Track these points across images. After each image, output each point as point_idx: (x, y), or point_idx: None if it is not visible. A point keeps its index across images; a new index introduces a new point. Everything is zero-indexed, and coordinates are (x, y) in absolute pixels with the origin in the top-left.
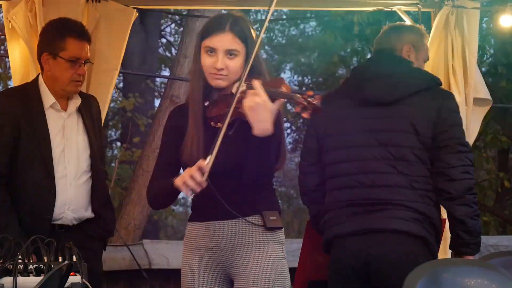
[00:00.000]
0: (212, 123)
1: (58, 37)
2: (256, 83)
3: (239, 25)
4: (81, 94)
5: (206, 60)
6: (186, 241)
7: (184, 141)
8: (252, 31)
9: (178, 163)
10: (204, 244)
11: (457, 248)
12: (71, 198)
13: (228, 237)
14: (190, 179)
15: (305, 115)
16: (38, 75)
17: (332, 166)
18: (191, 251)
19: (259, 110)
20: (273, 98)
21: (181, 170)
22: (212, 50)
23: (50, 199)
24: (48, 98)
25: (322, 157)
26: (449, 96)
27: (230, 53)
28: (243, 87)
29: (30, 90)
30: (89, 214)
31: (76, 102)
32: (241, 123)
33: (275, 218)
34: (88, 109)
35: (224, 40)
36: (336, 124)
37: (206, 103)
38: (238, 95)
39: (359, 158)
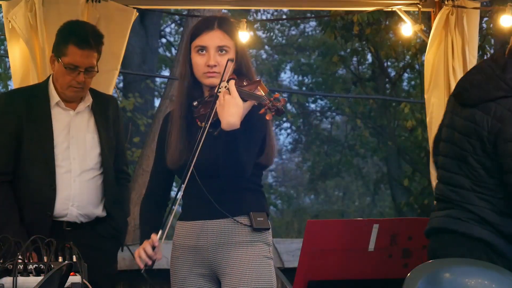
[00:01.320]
0: (198, 122)
1: (62, 41)
2: (231, 83)
3: (226, 23)
4: (99, 95)
5: (198, 60)
6: (174, 240)
7: (167, 142)
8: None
9: (170, 172)
10: (191, 243)
11: None
12: (75, 194)
13: (215, 236)
14: (143, 252)
15: (267, 117)
16: (50, 75)
17: None
18: (179, 250)
19: (227, 105)
20: (244, 99)
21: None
22: (203, 49)
23: (50, 195)
24: (54, 96)
25: None
26: None
27: (221, 49)
28: (225, 88)
29: (37, 89)
30: (99, 212)
31: (86, 101)
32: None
33: (262, 219)
34: (104, 109)
35: (214, 38)
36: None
37: (195, 103)
38: (218, 93)
39: None
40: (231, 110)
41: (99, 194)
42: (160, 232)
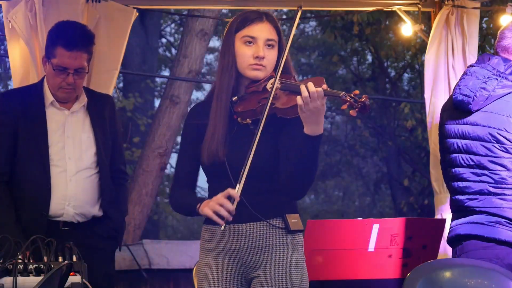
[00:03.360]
0: (239, 119)
1: (51, 43)
2: (324, 86)
3: (273, 18)
4: (95, 94)
5: (246, 50)
6: (203, 244)
7: (204, 138)
8: None
9: (197, 161)
10: (223, 247)
11: None
12: (71, 194)
13: (249, 239)
14: (222, 208)
15: (352, 113)
16: (45, 76)
17: None
18: (208, 255)
19: (318, 113)
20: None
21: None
22: (251, 40)
23: (45, 195)
24: (49, 97)
25: None
26: None
27: (269, 43)
28: (277, 84)
29: (33, 88)
30: (96, 211)
31: (81, 101)
32: (270, 122)
33: (296, 221)
34: (100, 109)
35: (264, 30)
36: None
37: (234, 98)
38: (273, 92)
39: None
40: (320, 119)
41: (96, 193)
42: (237, 186)
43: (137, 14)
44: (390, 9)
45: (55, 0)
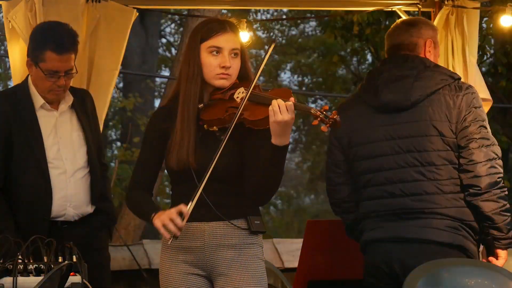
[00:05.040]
0: (205, 125)
1: (39, 47)
2: (292, 99)
3: (235, 27)
4: (74, 90)
5: (211, 60)
6: (165, 241)
7: (170, 143)
8: None
9: (158, 166)
10: (186, 244)
11: (487, 243)
12: (72, 195)
13: (212, 238)
14: (171, 223)
15: (323, 129)
16: (27, 76)
17: (361, 177)
18: (171, 252)
19: (287, 126)
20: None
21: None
22: (217, 50)
23: (46, 199)
24: (38, 99)
25: (350, 167)
26: (469, 89)
27: (234, 52)
28: (244, 93)
29: (19, 92)
30: (89, 209)
31: (67, 101)
32: (235, 128)
33: (259, 222)
34: (82, 105)
35: (229, 40)
36: (359, 134)
37: (200, 106)
38: (244, 102)
39: (386, 167)
40: (288, 130)
41: (89, 191)
42: (190, 203)
43: (137, 14)
44: (390, 9)
45: (55, 0)
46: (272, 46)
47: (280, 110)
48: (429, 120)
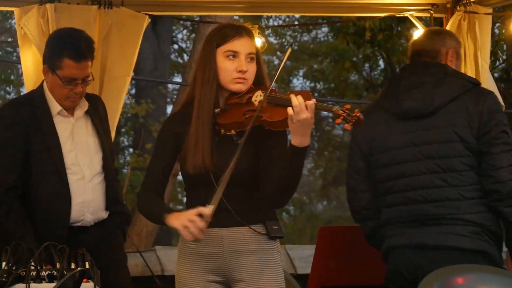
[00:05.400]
0: (222, 130)
1: (56, 55)
2: (313, 100)
3: (251, 32)
4: (86, 95)
5: (228, 65)
6: (182, 247)
7: (185, 148)
8: None
9: (169, 171)
10: (204, 251)
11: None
12: (90, 200)
13: (231, 243)
14: (192, 224)
15: (346, 127)
16: (42, 82)
17: (382, 184)
18: (189, 258)
19: (307, 125)
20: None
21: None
22: (234, 54)
23: (65, 206)
24: (54, 105)
25: (371, 174)
26: (490, 95)
27: (250, 57)
28: (261, 96)
29: (36, 98)
30: (104, 214)
31: (83, 106)
32: (253, 131)
33: (277, 227)
34: (96, 110)
35: (246, 44)
36: (379, 141)
37: (217, 110)
38: (263, 105)
39: (407, 174)
40: (308, 131)
41: (104, 196)
42: (212, 207)
43: (149, 20)
44: (402, 15)
45: (68, 6)
46: (289, 50)
47: (300, 109)
48: (450, 126)
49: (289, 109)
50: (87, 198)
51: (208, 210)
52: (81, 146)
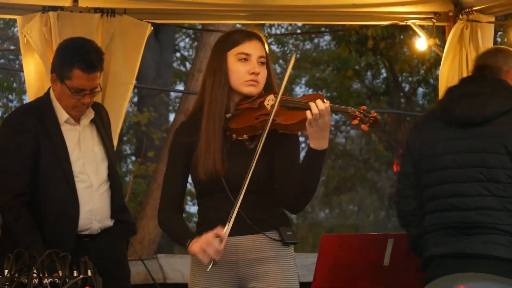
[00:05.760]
0: (234, 135)
1: (67, 65)
2: (327, 102)
3: (261, 37)
4: (93, 105)
5: (240, 67)
6: (196, 259)
7: (197, 154)
8: None
9: (185, 181)
10: (219, 260)
11: None
12: (97, 208)
13: (247, 252)
14: (210, 247)
15: (363, 127)
16: (49, 89)
17: (427, 189)
18: (203, 267)
19: (325, 128)
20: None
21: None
22: (246, 57)
23: (74, 213)
24: (62, 113)
25: (419, 180)
26: None
27: (261, 61)
28: (273, 100)
29: (43, 106)
30: (110, 222)
31: (89, 115)
32: (267, 136)
33: (291, 233)
34: (100, 119)
35: (257, 47)
36: (428, 147)
37: (228, 115)
38: (275, 109)
39: (451, 180)
40: (327, 134)
41: (110, 204)
42: (226, 226)
43: (152, 28)
44: (405, 24)
45: (70, 14)
46: (293, 58)
47: (321, 113)
48: (499, 137)
49: (308, 113)
50: (94, 206)
51: (223, 231)
52: (88, 155)
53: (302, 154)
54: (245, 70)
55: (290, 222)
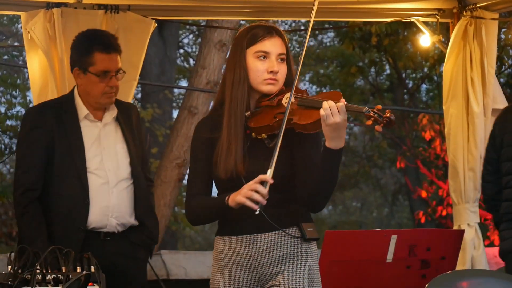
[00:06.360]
0: (253, 133)
1: (86, 52)
2: (343, 101)
3: (281, 32)
4: (120, 103)
5: (258, 65)
6: (217, 256)
7: (217, 152)
8: None
9: (211, 176)
10: (239, 258)
11: None
12: (114, 205)
13: (267, 249)
14: (255, 193)
15: (377, 128)
16: (74, 88)
17: (504, 178)
18: (223, 267)
19: (340, 128)
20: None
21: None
22: (264, 55)
23: (83, 209)
24: (82, 110)
25: (500, 167)
26: None
27: (281, 58)
28: (293, 99)
29: (64, 103)
30: (133, 220)
31: (112, 112)
32: (285, 134)
33: (311, 229)
34: (128, 118)
35: (277, 45)
36: (508, 136)
37: (247, 113)
38: (290, 107)
39: None
40: (342, 133)
41: (132, 203)
42: (269, 171)
43: (156, 25)
44: (409, 20)
45: (74, 11)
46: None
47: (332, 112)
48: None
49: (321, 112)
50: (111, 203)
51: (267, 175)
52: (108, 151)
53: None
54: (263, 68)
55: (311, 218)
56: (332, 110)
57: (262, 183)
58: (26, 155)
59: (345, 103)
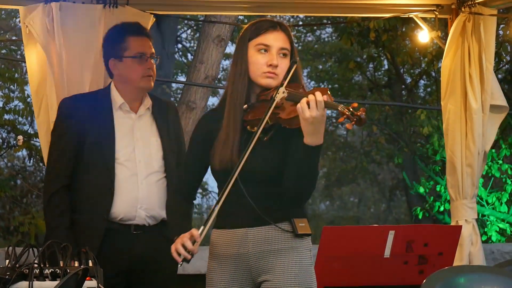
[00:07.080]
0: (248, 127)
1: (119, 40)
2: (319, 95)
3: (286, 27)
4: (158, 99)
5: (259, 58)
6: (211, 249)
7: (215, 144)
8: None
9: (202, 170)
10: (231, 252)
11: None
12: (143, 197)
13: (258, 243)
14: (181, 247)
15: (348, 126)
16: (110, 83)
17: None
18: (217, 260)
19: (318, 123)
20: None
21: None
22: (265, 48)
23: (108, 199)
24: (117, 100)
25: None
26: None
27: (283, 52)
28: (284, 93)
29: (100, 93)
30: (164, 213)
31: (146, 104)
32: (278, 129)
33: (303, 225)
34: (164, 114)
35: (279, 38)
36: None
37: (245, 107)
38: (277, 100)
39: None
40: (320, 129)
41: (164, 197)
42: (201, 228)
43: (154, 19)
44: (407, 16)
45: (73, 5)
46: (294, 68)
47: (309, 106)
48: None
49: (298, 105)
50: (140, 195)
51: (198, 232)
52: (141, 143)
53: None
54: (263, 61)
55: (305, 214)
56: (310, 104)
57: (192, 237)
58: (57, 144)
59: (327, 99)
